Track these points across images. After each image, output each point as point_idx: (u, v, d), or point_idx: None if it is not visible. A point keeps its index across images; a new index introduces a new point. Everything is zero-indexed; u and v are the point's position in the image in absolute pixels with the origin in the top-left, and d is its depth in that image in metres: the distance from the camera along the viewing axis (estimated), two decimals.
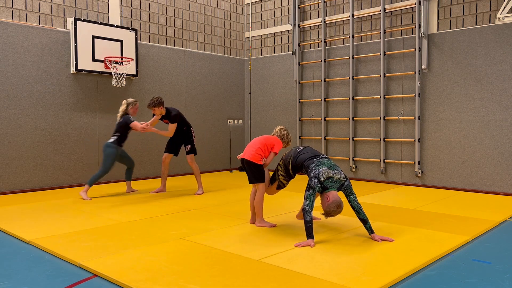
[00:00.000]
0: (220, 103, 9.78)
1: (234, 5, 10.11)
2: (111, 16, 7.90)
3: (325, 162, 4.18)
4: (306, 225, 3.99)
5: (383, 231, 4.39)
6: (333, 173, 4.04)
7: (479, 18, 7.05)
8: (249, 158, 4.60)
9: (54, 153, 7.18)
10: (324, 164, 4.14)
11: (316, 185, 4.00)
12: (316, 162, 4.19)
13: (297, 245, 3.92)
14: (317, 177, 4.01)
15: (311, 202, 4.01)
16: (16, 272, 3.35)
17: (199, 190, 6.79)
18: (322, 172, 4.03)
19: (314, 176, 4.05)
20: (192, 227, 4.61)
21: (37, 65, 6.98)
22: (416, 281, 3.17)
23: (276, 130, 4.84)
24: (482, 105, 6.97)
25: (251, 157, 4.60)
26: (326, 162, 4.18)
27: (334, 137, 8.71)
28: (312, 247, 3.87)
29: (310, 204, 4.01)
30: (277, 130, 4.83)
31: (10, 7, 6.77)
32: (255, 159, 4.58)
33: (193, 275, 3.21)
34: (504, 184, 6.78)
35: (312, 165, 4.17)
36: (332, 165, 4.14)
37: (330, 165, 4.14)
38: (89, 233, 4.36)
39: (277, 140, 4.73)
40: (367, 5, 8.28)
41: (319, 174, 4.03)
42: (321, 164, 4.14)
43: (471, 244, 4.12)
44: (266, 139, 4.73)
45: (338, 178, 4.05)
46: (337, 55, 8.66)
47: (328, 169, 4.07)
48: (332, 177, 4.03)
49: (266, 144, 4.67)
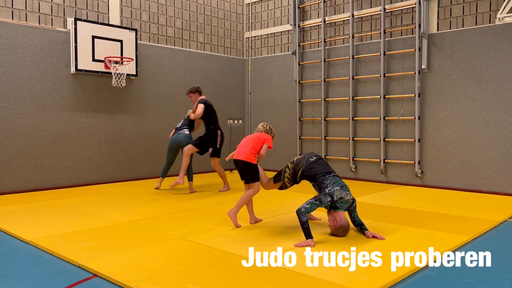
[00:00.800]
0: (220, 103, 9.77)
1: (234, 5, 10.11)
2: (111, 16, 7.90)
3: (338, 181, 4.28)
4: (302, 226, 4.00)
5: (383, 231, 4.39)
6: (344, 194, 4.16)
7: (479, 18, 7.05)
8: (243, 159, 4.64)
9: (54, 153, 7.18)
10: (338, 183, 4.24)
11: (326, 203, 4.11)
12: (330, 179, 4.27)
13: (297, 245, 3.92)
14: (332, 195, 4.11)
15: (311, 208, 4.07)
16: (16, 272, 3.35)
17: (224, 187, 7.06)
18: (336, 192, 4.14)
19: (328, 193, 4.14)
20: (192, 227, 4.61)
21: (37, 65, 6.98)
22: (416, 281, 3.17)
23: (259, 127, 4.88)
24: (482, 105, 6.97)
25: (245, 157, 4.63)
26: (338, 181, 4.28)
27: (334, 137, 8.71)
28: (312, 246, 3.88)
29: (309, 209, 4.06)
30: (260, 127, 4.88)
31: (10, 7, 6.77)
32: (250, 158, 4.63)
33: (193, 275, 3.21)
34: (504, 184, 6.78)
35: (327, 182, 4.25)
36: (343, 185, 4.26)
37: (342, 185, 4.25)
38: (89, 233, 4.36)
39: (267, 136, 4.81)
40: (367, 5, 8.28)
41: (333, 193, 4.13)
42: (335, 182, 4.24)
43: (471, 244, 4.12)
44: (256, 137, 4.79)
45: (348, 200, 4.17)
46: (337, 55, 8.66)
47: (340, 189, 4.18)
48: (343, 198, 4.14)
49: (258, 143, 4.73)
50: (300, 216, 4.01)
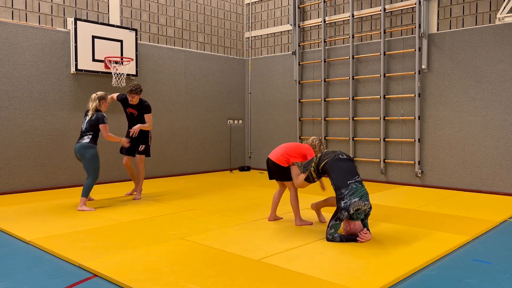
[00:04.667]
0: (220, 103, 9.78)
1: (234, 5, 10.11)
2: (111, 16, 7.90)
3: (358, 190, 4.06)
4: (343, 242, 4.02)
5: (383, 231, 4.40)
6: (362, 205, 4.01)
7: (479, 18, 7.05)
8: (273, 159, 4.77)
9: (54, 153, 7.18)
10: (357, 193, 4.04)
11: (344, 218, 4.05)
12: (349, 190, 4.05)
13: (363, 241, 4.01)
14: (347, 209, 3.99)
15: (335, 231, 4.06)
16: (16, 272, 3.35)
17: (137, 195, 6.26)
18: (353, 204, 3.98)
19: (344, 207, 4.00)
20: (192, 227, 4.61)
21: (37, 65, 6.98)
22: (416, 281, 3.17)
23: (309, 140, 4.92)
24: (482, 105, 6.97)
25: (275, 158, 4.75)
26: (359, 190, 4.06)
27: (334, 137, 8.71)
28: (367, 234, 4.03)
29: (335, 231, 4.06)
30: (309, 140, 4.91)
31: (10, 7, 6.77)
32: (279, 161, 4.72)
33: (193, 275, 3.21)
34: (504, 184, 6.78)
35: (345, 193, 4.05)
36: (364, 194, 4.06)
37: (362, 194, 4.05)
38: (89, 233, 4.36)
39: (309, 148, 4.77)
40: (367, 5, 8.28)
41: (349, 206, 3.98)
42: (354, 193, 4.03)
43: (471, 244, 4.12)
44: (297, 146, 4.84)
45: (365, 210, 4.06)
46: (337, 55, 8.66)
47: (359, 200, 4.00)
48: (360, 209, 4.02)
49: (295, 151, 4.75)
50: (334, 241, 4.04)
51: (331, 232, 4.05)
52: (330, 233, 4.05)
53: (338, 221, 4.05)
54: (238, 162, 10.14)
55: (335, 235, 4.04)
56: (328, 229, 4.08)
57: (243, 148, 10.30)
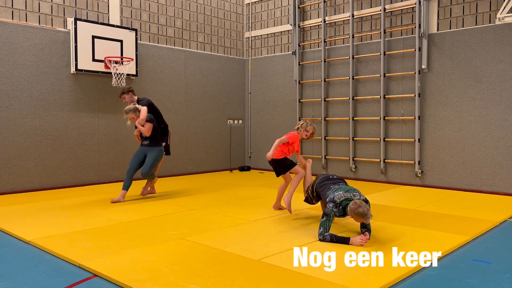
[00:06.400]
0: (220, 103, 9.77)
1: (234, 5, 10.10)
2: (111, 16, 7.90)
3: (341, 187, 4.17)
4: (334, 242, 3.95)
5: (383, 231, 4.39)
6: (350, 195, 4.02)
7: (479, 18, 7.05)
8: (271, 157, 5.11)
9: (54, 153, 7.18)
10: (341, 189, 4.13)
11: (330, 211, 4.00)
12: (332, 188, 4.21)
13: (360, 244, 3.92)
14: (333, 201, 4.00)
15: (324, 230, 4.02)
16: (16, 272, 3.35)
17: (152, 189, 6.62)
18: (337, 195, 4.02)
19: (329, 200, 4.05)
20: (192, 227, 4.61)
21: (37, 65, 6.97)
22: (416, 281, 3.17)
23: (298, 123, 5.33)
24: (482, 105, 6.97)
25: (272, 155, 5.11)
26: (342, 187, 4.17)
27: (334, 137, 8.71)
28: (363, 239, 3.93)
29: (324, 230, 4.01)
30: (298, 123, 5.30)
31: (10, 7, 6.77)
32: (275, 156, 5.14)
33: (193, 275, 3.21)
34: (504, 184, 6.78)
35: (328, 192, 4.20)
36: (349, 189, 4.12)
37: (347, 189, 4.12)
38: (89, 233, 4.36)
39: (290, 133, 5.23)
40: (367, 5, 8.28)
41: (334, 197, 4.02)
42: (338, 189, 4.15)
43: (471, 244, 4.12)
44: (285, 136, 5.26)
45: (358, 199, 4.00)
46: (337, 55, 8.66)
47: (345, 192, 4.05)
48: (350, 198, 4.00)
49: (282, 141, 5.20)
50: (325, 240, 3.98)
51: (320, 231, 4.03)
52: (320, 233, 4.04)
53: (324, 217, 4.04)
54: (238, 162, 10.14)
55: (325, 233, 4.01)
56: (319, 230, 4.07)
57: (243, 148, 10.30)
